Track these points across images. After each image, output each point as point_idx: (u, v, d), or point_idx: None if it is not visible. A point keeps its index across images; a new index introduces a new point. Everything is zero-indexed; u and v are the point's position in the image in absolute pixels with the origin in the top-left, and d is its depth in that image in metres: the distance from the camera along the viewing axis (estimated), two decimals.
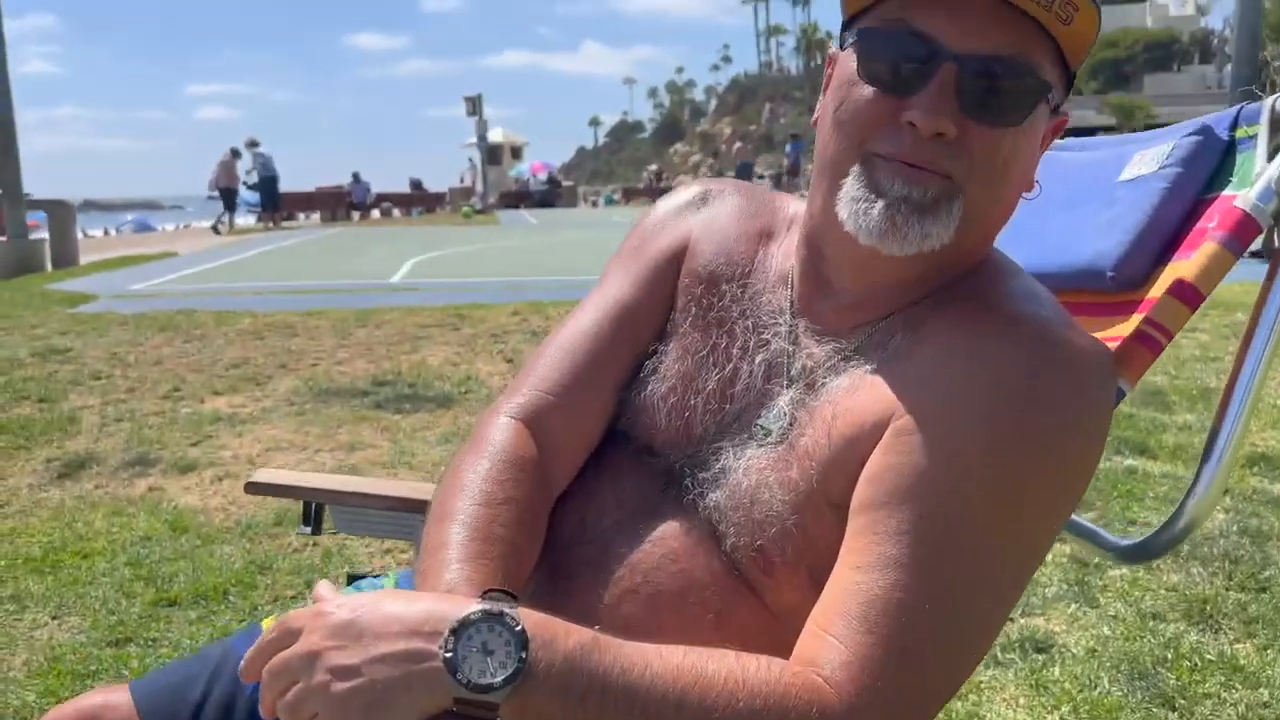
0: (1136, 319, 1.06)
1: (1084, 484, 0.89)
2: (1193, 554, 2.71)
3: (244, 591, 2.63)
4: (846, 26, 0.93)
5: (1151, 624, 2.36)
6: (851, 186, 0.88)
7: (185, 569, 2.76)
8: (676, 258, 1.08)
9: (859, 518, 0.84)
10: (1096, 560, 2.60)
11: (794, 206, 1.08)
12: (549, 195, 34.28)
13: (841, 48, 0.93)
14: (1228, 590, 2.52)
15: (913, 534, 0.80)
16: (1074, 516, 1.22)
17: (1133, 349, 1.03)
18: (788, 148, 32.85)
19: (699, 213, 1.11)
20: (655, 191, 41.61)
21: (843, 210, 0.88)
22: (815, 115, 0.97)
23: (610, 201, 41.59)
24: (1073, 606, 2.46)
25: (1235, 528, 2.89)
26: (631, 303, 1.07)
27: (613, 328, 1.06)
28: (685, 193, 1.14)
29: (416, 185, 34.21)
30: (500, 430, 1.02)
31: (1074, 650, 2.26)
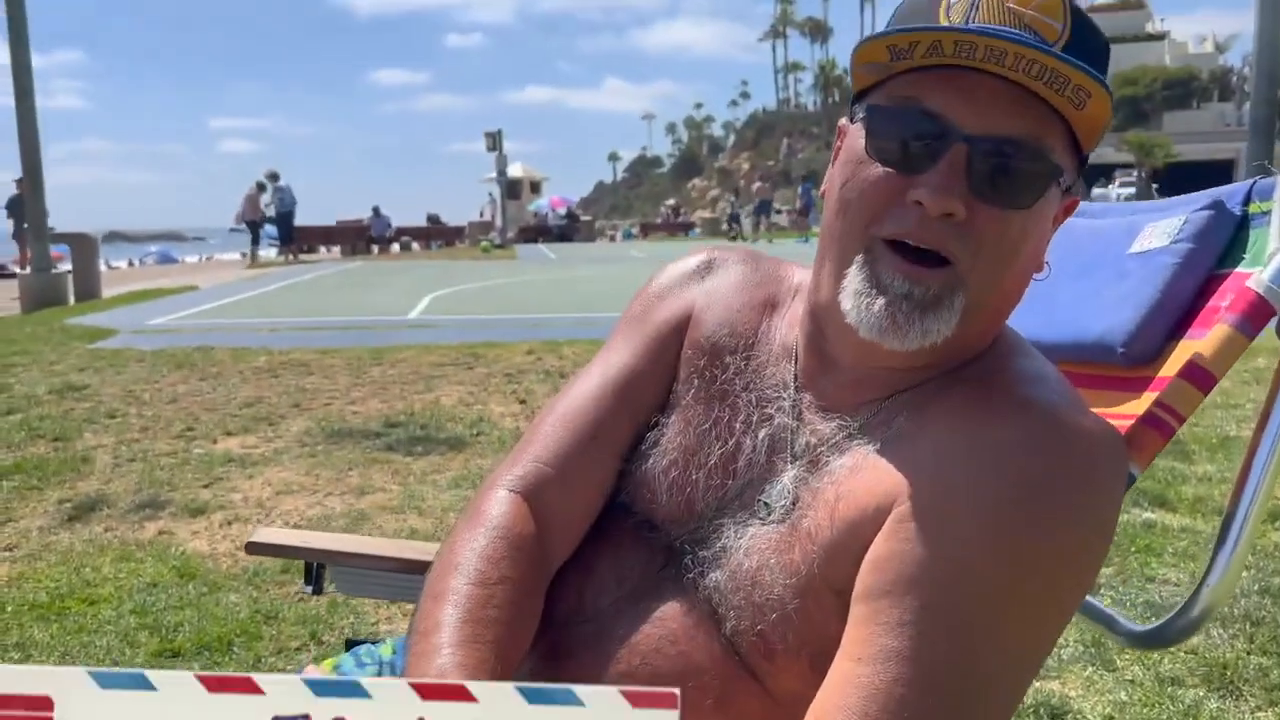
0: (1148, 398, 1.04)
1: (1093, 573, 0.86)
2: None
3: (249, 642, 2.60)
4: (856, 100, 0.92)
5: (1170, 689, 2.30)
6: (854, 278, 0.87)
7: (190, 618, 2.75)
8: (680, 328, 1.07)
9: (861, 606, 0.82)
10: None
11: (799, 275, 1.07)
12: (567, 230, 34.50)
13: (851, 121, 0.92)
14: (1249, 654, 2.45)
15: (915, 626, 0.78)
16: (1088, 598, 1.19)
17: (1143, 433, 1.01)
18: (799, 189, 33.15)
19: (703, 282, 1.10)
20: (673, 226, 41.89)
21: (845, 301, 0.87)
22: (823, 187, 0.96)
23: (629, 236, 41.74)
24: (1089, 670, 2.40)
25: (1256, 587, 2.81)
26: (634, 372, 1.06)
27: (614, 398, 1.05)
28: (689, 261, 1.13)
29: (434, 220, 34.51)
30: (498, 504, 1.00)
31: (1090, 717, 2.20)
